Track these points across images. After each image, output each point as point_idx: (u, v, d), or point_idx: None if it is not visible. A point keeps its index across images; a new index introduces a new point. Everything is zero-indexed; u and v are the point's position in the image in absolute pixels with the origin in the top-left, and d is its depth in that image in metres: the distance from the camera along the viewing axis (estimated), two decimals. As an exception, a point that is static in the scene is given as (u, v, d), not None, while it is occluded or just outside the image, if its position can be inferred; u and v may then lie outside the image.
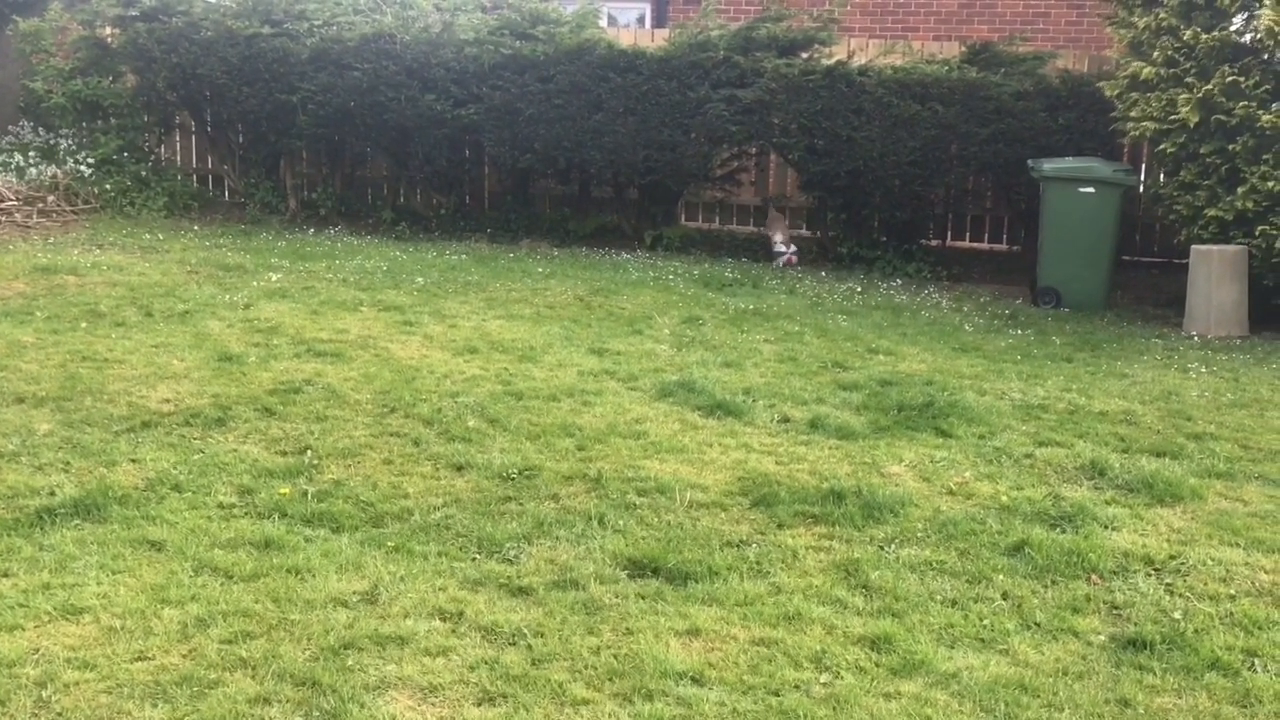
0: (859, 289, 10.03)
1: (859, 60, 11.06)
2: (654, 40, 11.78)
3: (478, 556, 4.14)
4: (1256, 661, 3.46)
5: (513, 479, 4.89)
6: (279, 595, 3.75)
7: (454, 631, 3.56)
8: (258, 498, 4.59)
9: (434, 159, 11.50)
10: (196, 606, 3.67)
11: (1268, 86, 8.84)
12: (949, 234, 12.18)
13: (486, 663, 3.36)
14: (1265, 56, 8.97)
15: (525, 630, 3.56)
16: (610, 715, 3.09)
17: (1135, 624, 3.70)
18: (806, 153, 10.86)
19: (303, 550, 4.10)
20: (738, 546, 4.32)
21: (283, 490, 4.64)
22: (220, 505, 4.53)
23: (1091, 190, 9.68)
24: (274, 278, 8.63)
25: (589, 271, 9.74)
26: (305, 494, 4.63)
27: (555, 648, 3.46)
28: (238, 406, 5.60)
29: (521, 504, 4.63)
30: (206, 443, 5.17)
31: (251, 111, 11.51)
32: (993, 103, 10.49)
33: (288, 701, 3.15)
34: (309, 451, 5.08)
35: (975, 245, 12.29)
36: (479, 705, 3.15)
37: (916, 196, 11.09)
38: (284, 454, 5.08)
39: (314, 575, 3.91)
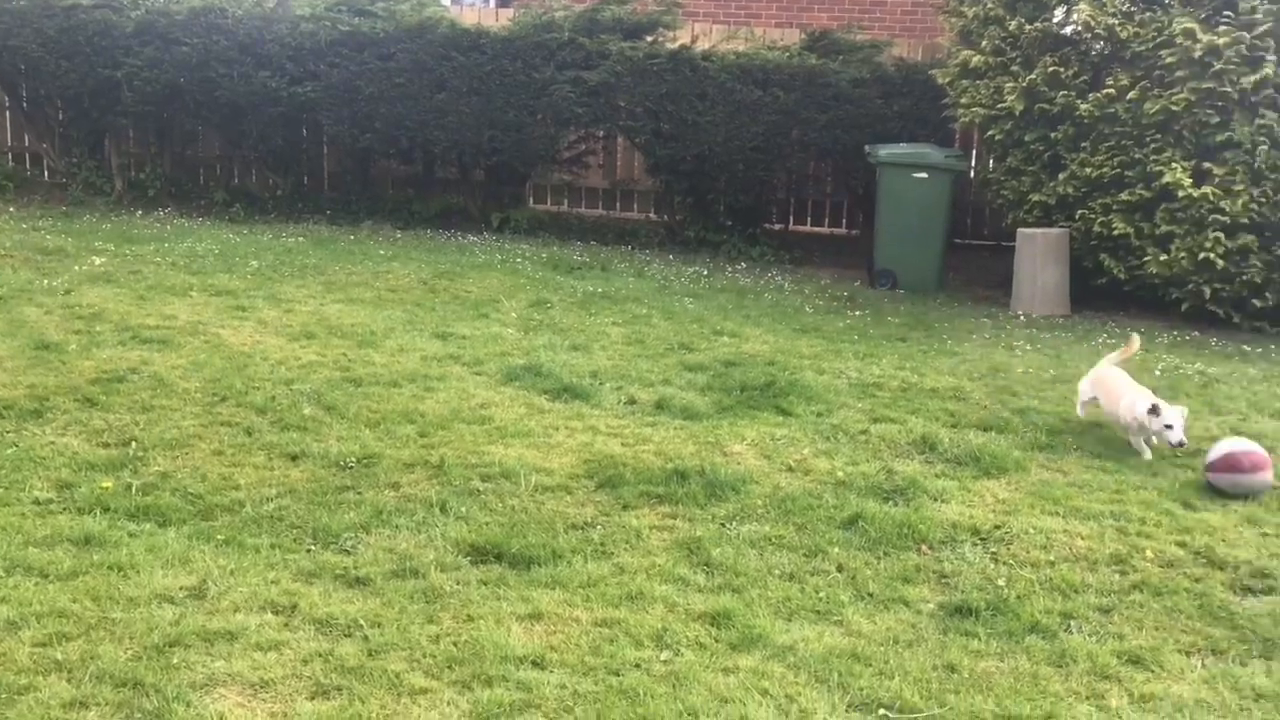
0: (705, 272, 10.15)
1: (703, 45, 11.16)
2: (498, 20, 11.65)
3: (313, 548, 4.02)
4: (1073, 623, 3.64)
5: (351, 468, 4.77)
6: (99, 593, 3.56)
7: (287, 625, 3.45)
8: (77, 492, 4.35)
9: (269, 138, 11.12)
10: (7, 609, 3.45)
11: (1086, 77, 9.29)
12: (791, 218, 12.44)
13: (321, 655, 3.27)
14: (1083, 48, 9.41)
15: (362, 621, 3.47)
16: (449, 704, 3.04)
17: (962, 592, 3.84)
18: (653, 136, 10.91)
19: (126, 546, 3.90)
20: (582, 529, 4.31)
21: (105, 484, 4.41)
22: (36, 501, 4.28)
23: (925, 175, 10.01)
24: (97, 261, 8.20)
25: (434, 254, 9.58)
26: (129, 487, 4.41)
27: (393, 638, 3.39)
28: (56, 397, 5.30)
29: (360, 493, 4.52)
30: (21, 436, 4.88)
31: (72, 87, 10.90)
32: (831, 89, 10.73)
33: (106, 704, 3.00)
34: (134, 443, 4.85)
35: (817, 229, 12.58)
36: (312, 699, 3.06)
37: (760, 181, 11.28)
38: (106, 446, 4.83)
39: (138, 571, 3.73)
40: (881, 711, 3.05)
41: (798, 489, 4.78)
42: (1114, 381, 5.85)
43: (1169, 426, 5.27)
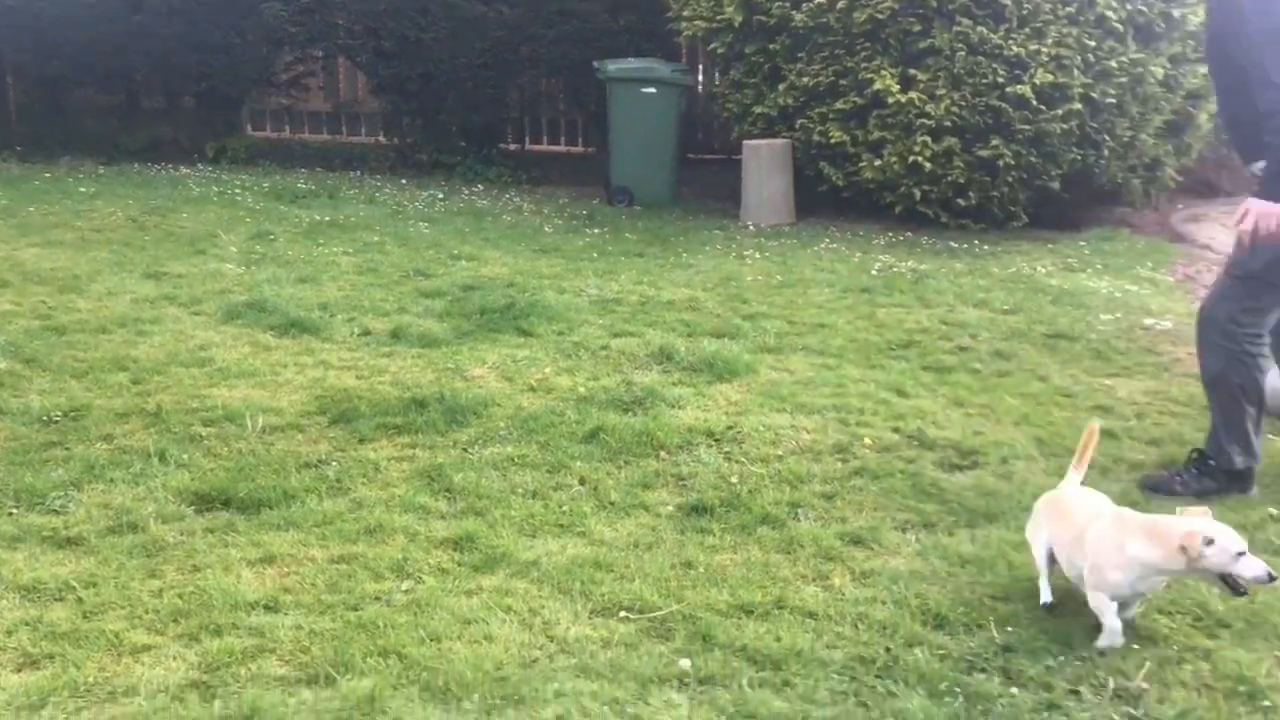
0: (441, 195, 9.93)
1: (421, -41, 10.79)
2: (197, -66, 10.82)
3: (16, 510, 3.70)
4: (800, 512, 3.82)
5: (56, 422, 4.40)
6: None
7: (-13, 597, 3.16)
8: None
9: (-60, 68, 10.02)
10: None
11: (799, -12, 9.56)
12: (528, 138, 12.34)
13: (28, 624, 3.02)
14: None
15: (74, 583, 3.23)
16: (175, 658, 2.88)
17: (698, 492, 3.96)
18: (374, 55, 10.52)
19: None
20: (316, 467, 4.16)
21: None
22: None
23: (653, 90, 10.10)
24: None
25: (142, 189, 8.93)
26: None
27: (111, 596, 3.17)
28: None
29: (68, 448, 4.19)
30: None
31: None
32: (556, 4, 10.62)
33: None
34: None
35: (553, 148, 12.54)
36: (19, 671, 2.82)
37: (491, 100, 11.10)
38: None
39: None
40: (622, 613, 3.11)
41: (540, 408, 4.78)
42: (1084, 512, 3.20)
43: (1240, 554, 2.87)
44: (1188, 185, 11.87)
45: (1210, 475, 3.98)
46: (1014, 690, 2.76)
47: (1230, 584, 2.86)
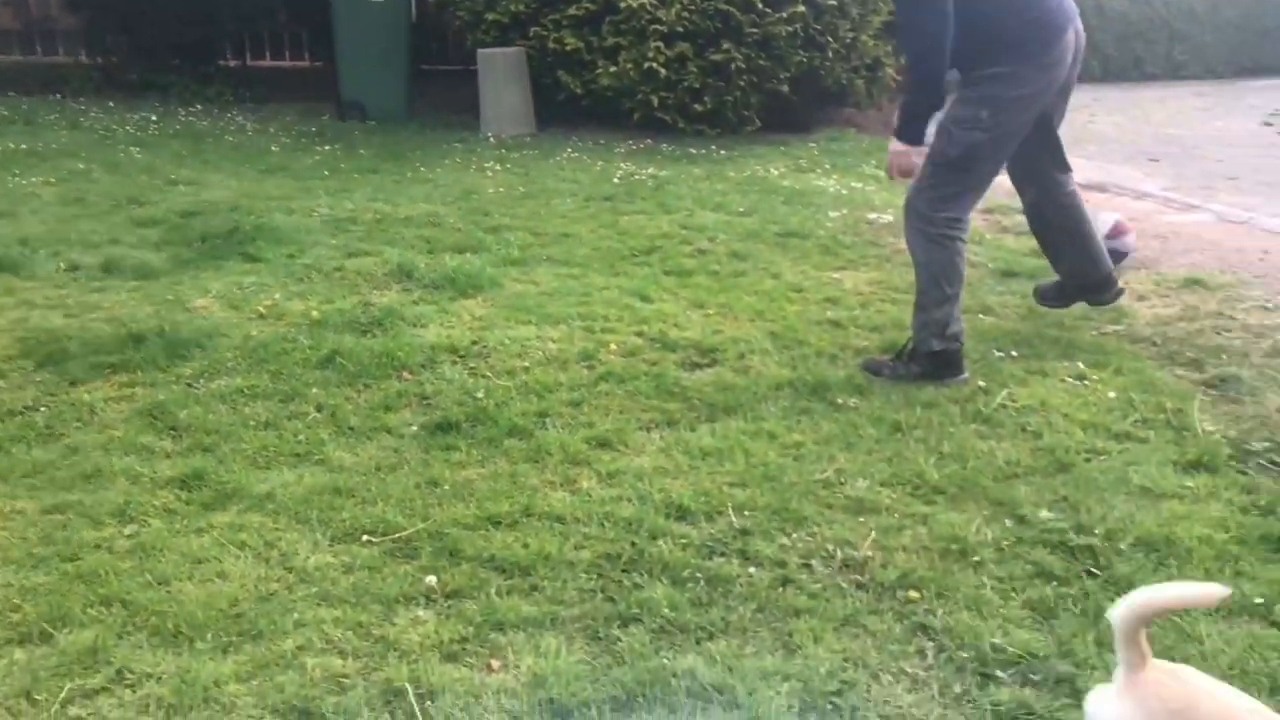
0: (154, 118, 9.25)
1: None
2: None
3: None
4: (547, 420, 3.82)
5: None
6: None
7: None
8: None
9: None
10: None
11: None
12: (249, 53, 11.62)
13: None
14: None
15: None
16: None
17: (443, 410, 3.88)
18: (65, -35, 9.59)
19: None
20: (22, 414, 3.82)
21: None
22: None
23: (379, 0, 9.68)
24: None
25: None
26: None
27: None
28: None
29: None
30: None
31: None
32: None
33: None
34: None
35: (278, 63, 11.89)
36: None
37: (204, 14, 10.35)
38: None
39: None
40: (365, 538, 3.03)
41: (270, 335, 4.56)
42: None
43: None
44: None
45: (916, 360, 4.23)
46: (751, 570, 2.87)
47: None
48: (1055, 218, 4.62)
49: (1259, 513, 3.19)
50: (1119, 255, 5.43)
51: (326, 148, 8.50)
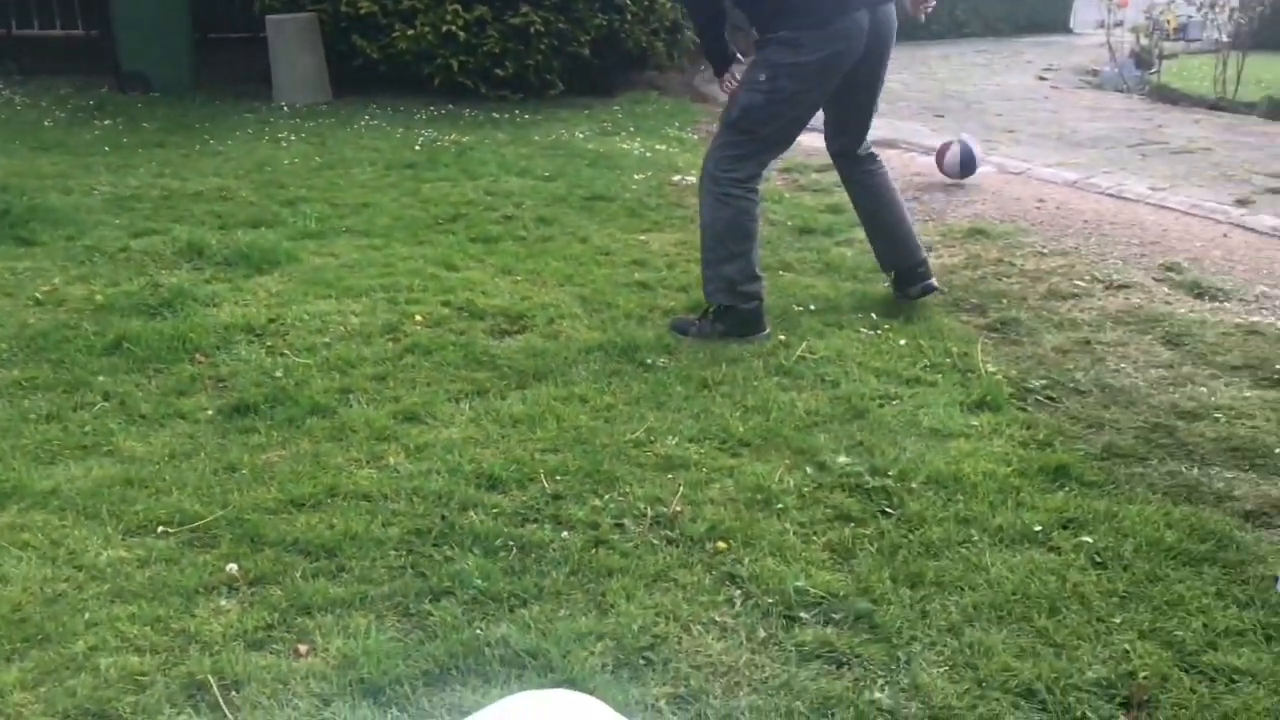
0: (-93, 93, 8.52)
1: None
2: None
3: None
4: (350, 397, 3.73)
5: None
6: None
7: None
8: None
9: None
10: None
11: None
12: (14, 22, 10.82)
13: None
14: None
15: None
16: None
17: (240, 391, 3.74)
18: None
19: None
20: None
21: None
22: None
23: (156, -37, 9.17)
24: None
25: None
26: None
27: None
28: None
29: None
30: None
31: None
32: None
33: None
34: None
35: (48, 33, 11.11)
36: None
37: (-42, -22, 9.59)
38: None
39: None
40: (161, 529, 2.90)
41: (50, 323, 4.29)
42: None
43: None
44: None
45: (719, 319, 4.32)
46: (564, 534, 2.89)
47: None
48: (857, 197, 4.69)
49: (1037, 446, 3.41)
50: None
51: (107, 122, 8.01)
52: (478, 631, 2.49)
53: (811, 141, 8.20)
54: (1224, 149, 7.86)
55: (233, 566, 2.73)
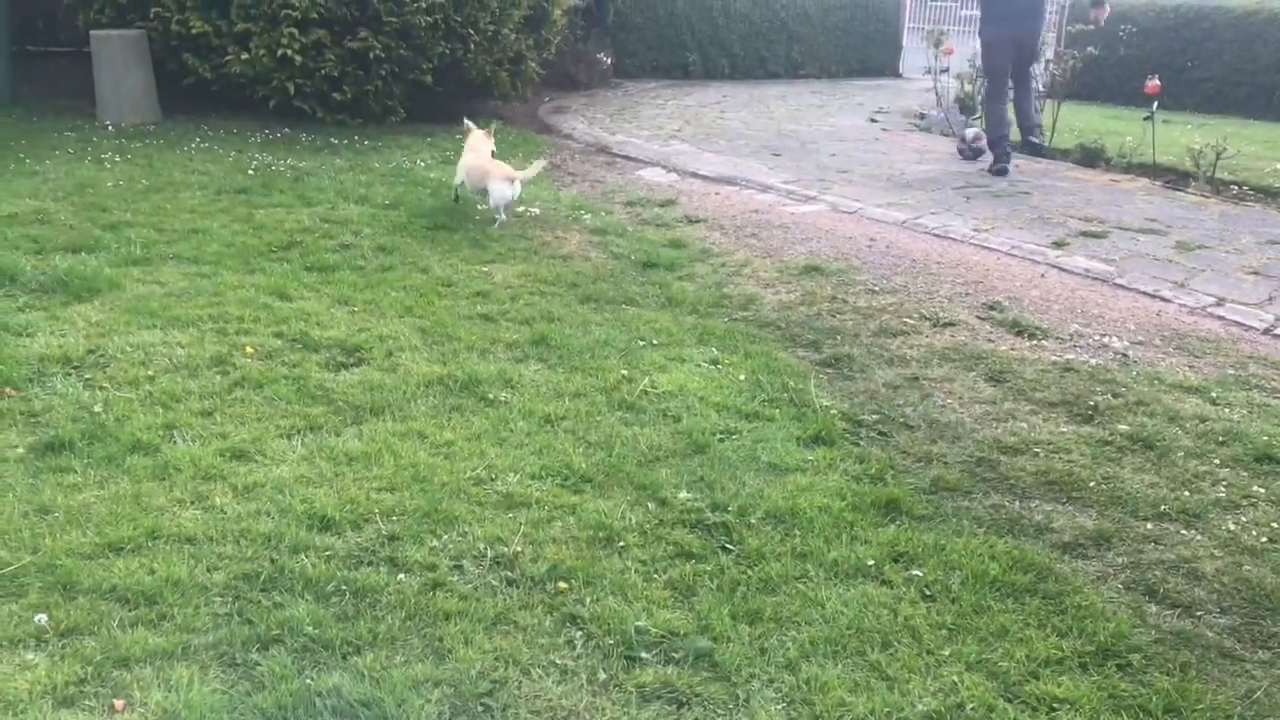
0: None
1: None
2: None
3: None
4: (176, 433, 3.56)
5: None
6: None
7: None
8: None
9: None
10: None
11: None
12: None
13: None
14: None
15: None
16: None
17: (55, 428, 3.53)
18: None
19: None
20: None
21: None
22: None
23: (-32, -31, 8.66)
24: None
25: None
26: None
27: None
28: None
29: None
30: None
31: None
32: None
33: None
34: None
35: None
36: None
37: None
38: None
39: None
40: (-39, 579, 2.70)
41: None
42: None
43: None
44: (551, 79, 12.73)
45: None
46: (400, 577, 2.82)
47: None
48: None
49: (870, 480, 3.50)
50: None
51: (-92, 136, 7.52)
52: (308, 681, 2.39)
53: (653, 177, 8.33)
54: (1041, 193, 8.31)
55: (41, 617, 2.56)
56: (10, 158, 7.20)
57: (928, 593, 2.88)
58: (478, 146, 6.66)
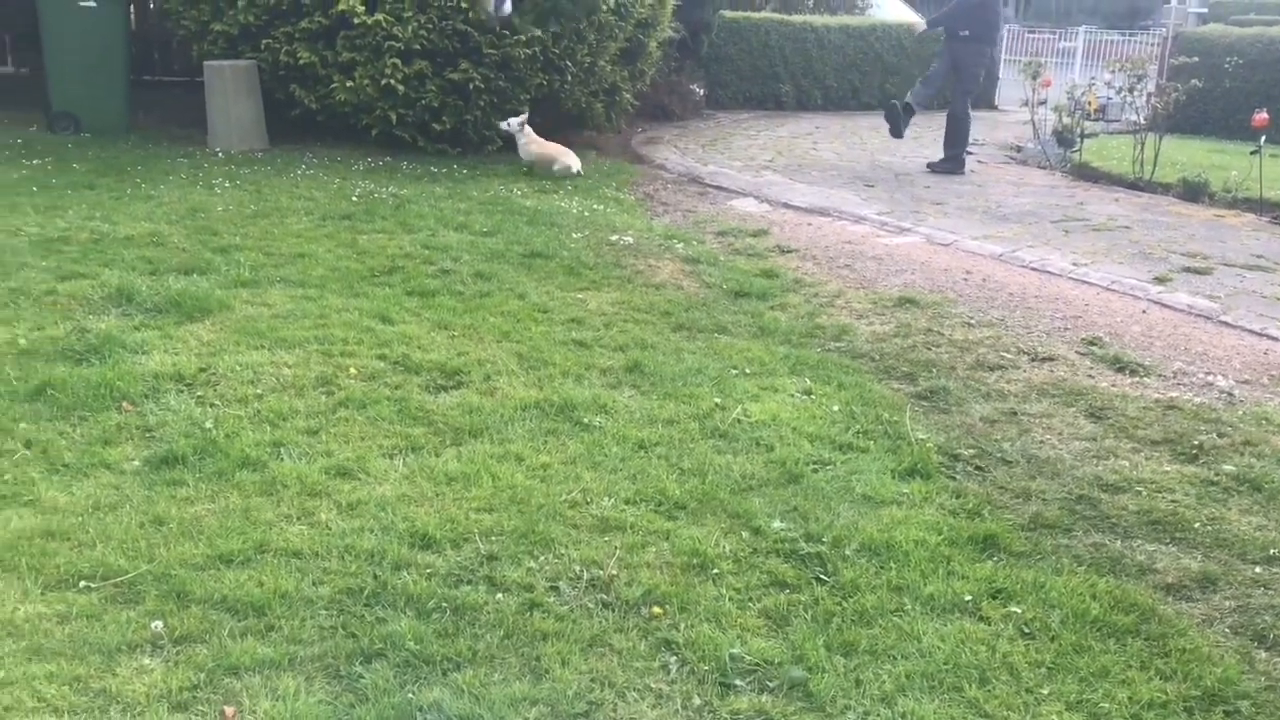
0: None
1: None
2: None
3: None
4: (283, 450, 3.67)
5: None
6: None
7: None
8: None
9: None
10: None
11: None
12: (-60, 55, 10.63)
13: None
14: None
15: None
16: None
17: (168, 442, 3.67)
18: None
19: None
20: None
21: None
22: None
23: (93, 4, 9.07)
24: None
25: None
26: None
27: None
28: None
29: None
30: None
31: None
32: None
33: None
34: None
35: (-24, 68, 10.92)
36: None
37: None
38: None
39: None
40: (83, 584, 2.82)
41: (-31, 367, 4.17)
42: None
43: None
44: (644, 110, 12.86)
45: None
46: (499, 596, 2.87)
47: None
48: None
49: (966, 515, 3.47)
50: None
51: (35, 161, 7.87)
52: (410, 695, 2.45)
53: (745, 207, 8.36)
54: (1141, 227, 8.14)
55: (158, 624, 2.66)
56: (128, 183, 7.50)
57: (1026, 630, 2.84)
58: None
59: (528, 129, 9.12)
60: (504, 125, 9.14)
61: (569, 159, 9.10)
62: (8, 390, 3.98)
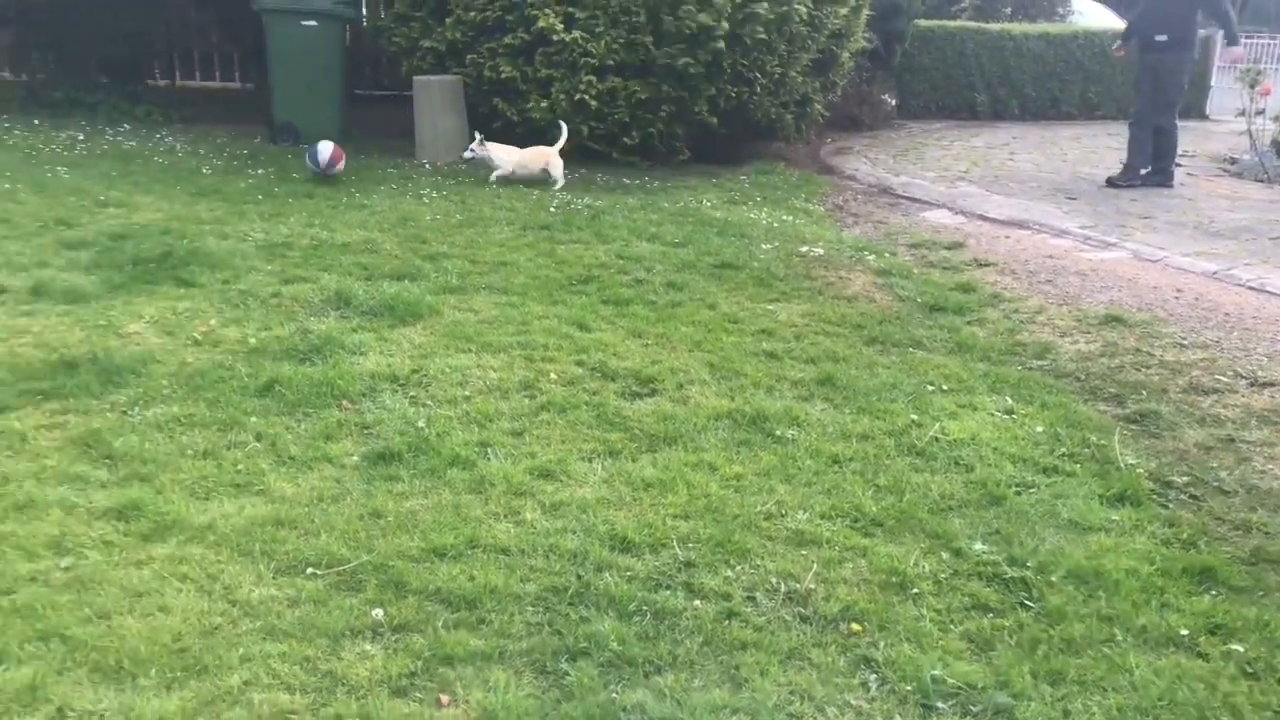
0: (82, 137, 9.07)
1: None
2: None
3: None
4: (489, 450, 3.83)
5: None
6: None
7: None
8: None
9: None
10: None
11: (464, -80, 9.37)
12: (178, 73, 11.48)
13: None
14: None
15: None
16: None
17: (384, 439, 3.87)
18: (-11, -20, 9.39)
19: None
20: (-52, 442, 3.73)
21: None
22: None
23: (314, 23, 9.64)
24: None
25: None
26: None
27: None
28: None
29: None
30: None
31: None
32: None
33: None
34: None
35: (208, 84, 11.74)
36: None
37: (134, 32, 10.20)
38: None
39: None
40: (309, 570, 3.01)
41: (207, 362, 4.51)
42: None
43: None
44: (834, 120, 12.76)
45: None
46: (697, 603, 2.92)
47: None
48: None
49: (1181, 545, 3.32)
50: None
51: (260, 171, 8.41)
52: (614, 695, 2.52)
53: (939, 219, 8.19)
54: (1375, 245, 7.59)
55: (378, 612, 2.82)
56: (344, 192, 7.93)
57: (1249, 670, 2.70)
58: None
59: (489, 144, 8.81)
60: (466, 154, 8.89)
61: (549, 161, 8.77)
62: (240, 386, 4.28)
